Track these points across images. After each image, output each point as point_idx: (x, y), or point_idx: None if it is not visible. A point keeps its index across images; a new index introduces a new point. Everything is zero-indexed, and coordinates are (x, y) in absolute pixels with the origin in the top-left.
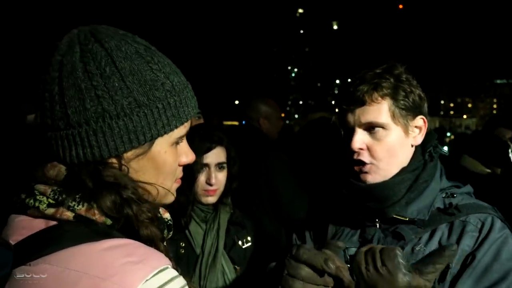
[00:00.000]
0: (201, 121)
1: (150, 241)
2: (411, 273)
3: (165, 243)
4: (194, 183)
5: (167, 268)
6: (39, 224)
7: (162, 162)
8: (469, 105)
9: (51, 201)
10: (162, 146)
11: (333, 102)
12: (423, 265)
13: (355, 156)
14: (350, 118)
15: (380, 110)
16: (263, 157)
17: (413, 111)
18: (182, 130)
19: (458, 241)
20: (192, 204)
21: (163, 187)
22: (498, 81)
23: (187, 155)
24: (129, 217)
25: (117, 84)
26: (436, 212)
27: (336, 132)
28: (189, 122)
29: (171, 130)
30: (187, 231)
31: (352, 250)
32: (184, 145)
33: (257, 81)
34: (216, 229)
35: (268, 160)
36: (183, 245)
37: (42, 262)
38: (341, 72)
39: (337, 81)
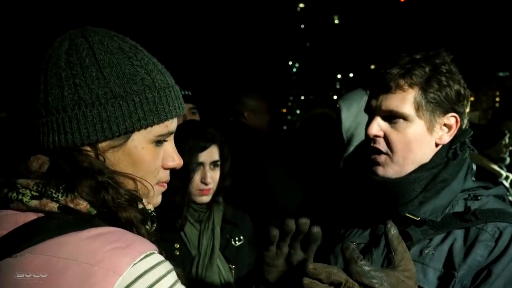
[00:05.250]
0: (196, 116)
1: (130, 224)
2: (384, 272)
3: (147, 227)
4: (189, 183)
5: (153, 253)
6: (24, 217)
7: (139, 158)
8: (472, 98)
9: (34, 193)
10: (139, 141)
11: (335, 97)
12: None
13: (372, 143)
14: (373, 102)
15: (405, 99)
16: (252, 152)
17: (443, 106)
18: (163, 128)
19: (469, 250)
20: (187, 205)
21: (143, 184)
22: (501, 74)
23: (173, 159)
24: (106, 201)
25: (94, 74)
26: (451, 216)
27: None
28: (172, 122)
29: (148, 125)
30: (182, 233)
31: (361, 246)
32: (170, 147)
33: (258, 76)
34: (211, 229)
35: (257, 155)
36: (178, 246)
37: (28, 252)
38: (343, 66)
39: (339, 76)
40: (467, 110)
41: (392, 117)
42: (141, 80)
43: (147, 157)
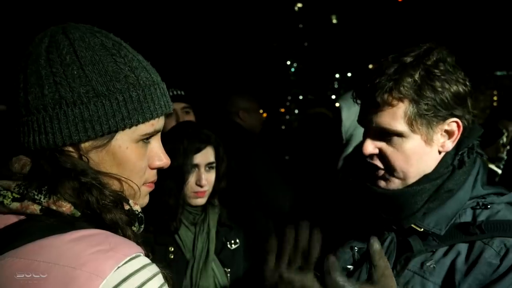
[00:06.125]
0: (190, 116)
1: (115, 225)
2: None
3: (133, 228)
4: (184, 185)
5: (139, 255)
6: (5, 220)
7: (123, 158)
8: None
9: (15, 195)
10: (123, 141)
11: (333, 97)
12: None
13: (368, 159)
14: (363, 117)
15: (395, 115)
16: (245, 156)
17: (441, 115)
18: (149, 127)
19: (472, 267)
20: (182, 207)
21: (129, 184)
22: (498, 73)
23: (160, 158)
24: (90, 202)
25: (75, 72)
26: (456, 227)
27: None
28: (158, 121)
29: (133, 124)
30: (176, 236)
31: (363, 251)
32: (156, 146)
33: (257, 76)
34: (206, 232)
35: (249, 159)
36: (172, 250)
37: (9, 256)
38: (341, 66)
39: (337, 75)
40: (471, 103)
41: (385, 134)
42: (125, 77)
43: (132, 157)
